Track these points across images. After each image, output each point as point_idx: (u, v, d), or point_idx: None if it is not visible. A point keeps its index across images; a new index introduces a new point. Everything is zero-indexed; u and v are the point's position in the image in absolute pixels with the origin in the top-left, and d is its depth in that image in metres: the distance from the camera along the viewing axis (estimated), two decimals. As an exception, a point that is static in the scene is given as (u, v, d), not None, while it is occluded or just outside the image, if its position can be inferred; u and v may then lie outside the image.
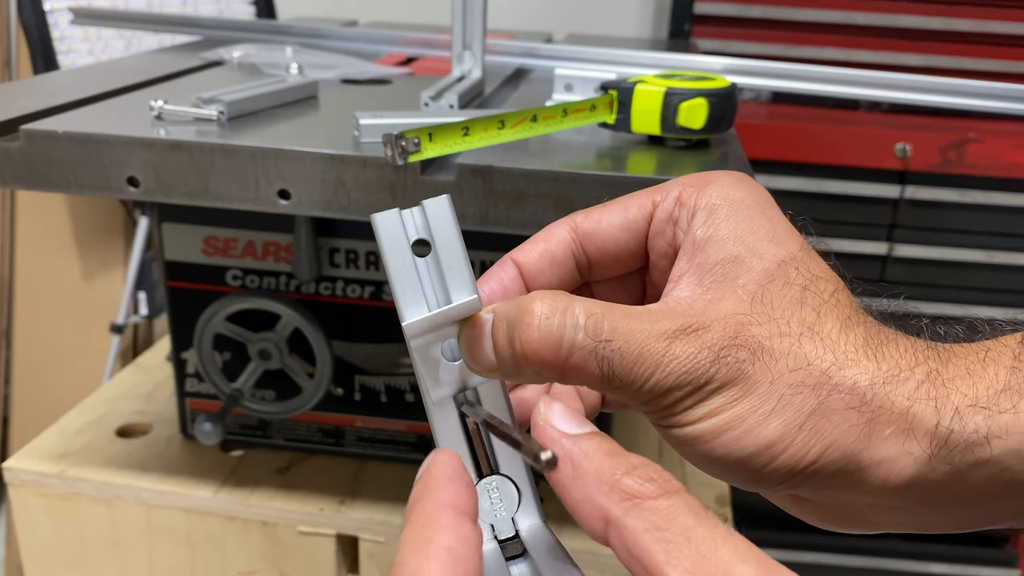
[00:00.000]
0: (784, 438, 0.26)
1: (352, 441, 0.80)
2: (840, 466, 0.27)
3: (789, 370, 0.27)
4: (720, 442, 0.27)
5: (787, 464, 0.27)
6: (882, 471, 0.27)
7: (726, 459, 0.27)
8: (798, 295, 0.27)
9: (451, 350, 0.30)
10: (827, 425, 0.26)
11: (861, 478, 0.27)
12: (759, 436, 0.26)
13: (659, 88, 0.54)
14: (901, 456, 0.27)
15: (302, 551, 0.74)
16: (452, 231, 0.30)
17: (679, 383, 0.26)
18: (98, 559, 0.78)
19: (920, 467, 0.27)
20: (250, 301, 0.73)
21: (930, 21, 1.37)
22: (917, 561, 1.49)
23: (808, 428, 0.26)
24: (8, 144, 0.52)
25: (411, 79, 0.78)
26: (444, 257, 0.30)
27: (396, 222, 0.29)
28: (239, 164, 0.51)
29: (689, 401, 0.27)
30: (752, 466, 0.27)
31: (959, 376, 0.27)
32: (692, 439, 0.27)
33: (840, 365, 0.27)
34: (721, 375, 0.26)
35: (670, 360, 0.26)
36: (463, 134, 0.50)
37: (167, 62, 0.80)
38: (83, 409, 0.87)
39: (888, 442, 0.27)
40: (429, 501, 0.24)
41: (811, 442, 0.26)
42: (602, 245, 0.32)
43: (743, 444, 0.26)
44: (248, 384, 0.76)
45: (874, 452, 0.27)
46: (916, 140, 1.27)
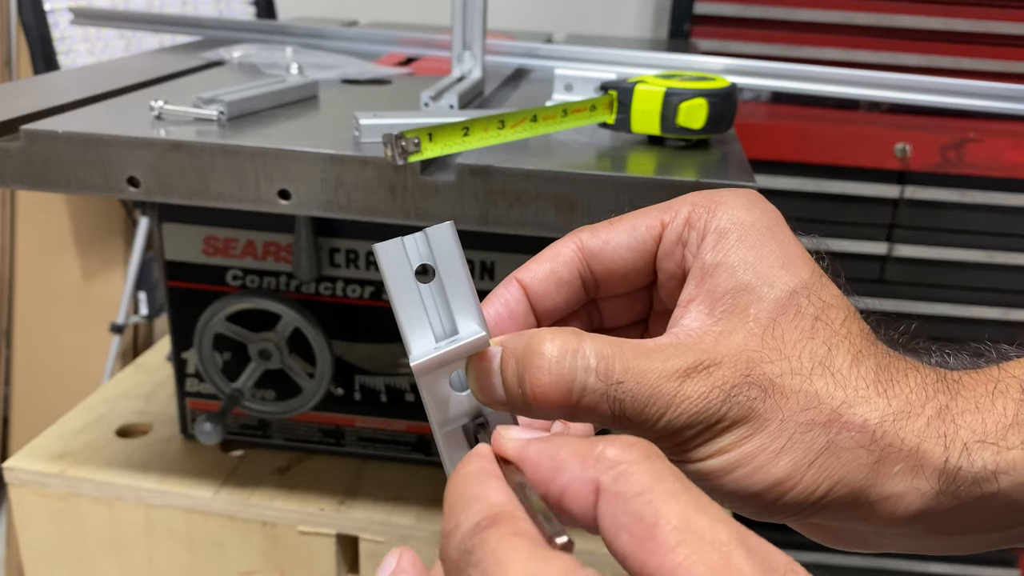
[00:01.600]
0: (794, 475, 0.27)
1: (352, 441, 0.80)
2: (849, 500, 0.27)
3: (800, 408, 0.27)
4: (731, 478, 0.27)
5: (796, 499, 0.27)
6: (889, 506, 0.27)
7: (737, 494, 0.27)
8: (809, 326, 0.27)
9: (460, 381, 0.30)
10: (836, 463, 0.27)
11: (869, 511, 0.28)
12: (769, 473, 0.27)
13: (659, 88, 0.54)
14: (909, 492, 0.27)
15: (302, 551, 0.74)
16: (456, 257, 0.30)
17: (691, 423, 0.26)
18: (98, 559, 0.78)
19: (927, 502, 0.27)
20: (250, 301, 0.73)
21: (930, 21, 1.37)
22: (917, 561, 1.49)
23: (818, 466, 0.27)
24: (8, 144, 0.52)
25: (411, 79, 0.78)
26: (449, 284, 0.30)
27: (399, 250, 0.29)
28: (239, 164, 0.51)
29: (701, 439, 0.27)
30: (762, 501, 0.27)
31: (968, 411, 0.27)
32: (703, 474, 0.27)
33: (851, 403, 0.27)
34: (732, 414, 0.27)
35: (682, 400, 0.26)
36: (463, 134, 0.50)
37: (167, 62, 0.80)
38: (83, 409, 0.87)
39: (896, 479, 0.27)
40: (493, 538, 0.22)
41: (820, 479, 0.27)
42: (610, 265, 0.31)
43: (753, 481, 0.27)
44: (248, 384, 0.76)
45: (882, 488, 0.27)
46: (916, 140, 1.27)
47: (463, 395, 0.29)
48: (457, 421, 0.29)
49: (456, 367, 0.29)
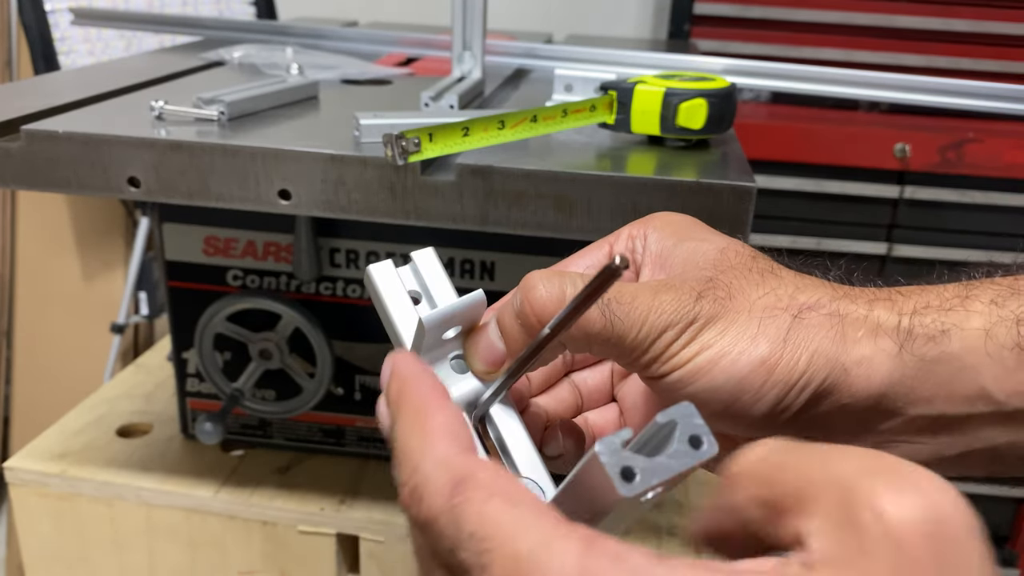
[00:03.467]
0: (773, 352, 0.30)
1: (352, 441, 0.80)
2: (827, 373, 0.30)
3: (760, 299, 0.31)
4: (720, 369, 0.30)
5: (782, 378, 0.30)
6: (863, 370, 0.30)
7: (726, 387, 0.30)
8: (749, 260, 0.33)
9: (460, 365, 0.32)
10: (807, 335, 0.30)
11: (849, 384, 0.30)
12: (752, 355, 0.30)
13: (659, 88, 0.54)
14: (876, 353, 0.30)
15: (302, 551, 0.75)
16: (443, 275, 0.33)
17: (671, 321, 0.30)
18: (98, 559, 0.78)
19: (893, 362, 0.30)
20: (250, 301, 0.73)
21: (930, 21, 1.37)
22: (917, 561, 1.49)
23: (792, 341, 0.30)
24: (8, 144, 0.52)
25: (411, 79, 0.78)
26: (440, 300, 0.32)
27: (392, 272, 0.32)
28: (239, 164, 0.51)
29: (683, 339, 0.30)
30: (751, 387, 0.30)
31: (914, 293, 0.31)
32: (693, 375, 0.30)
33: (802, 289, 0.31)
34: (705, 311, 0.30)
35: (659, 303, 0.30)
36: (463, 134, 0.50)
37: (167, 62, 0.80)
38: (83, 409, 0.87)
39: (862, 343, 0.30)
40: (412, 393, 0.26)
41: (798, 352, 0.30)
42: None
43: (739, 366, 0.30)
44: (248, 384, 0.76)
45: (852, 352, 0.30)
46: (916, 140, 1.27)
47: (463, 380, 0.31)
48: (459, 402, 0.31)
49: (454, 348, 0.32)
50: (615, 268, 0.23)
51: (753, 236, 0.51)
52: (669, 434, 0.22)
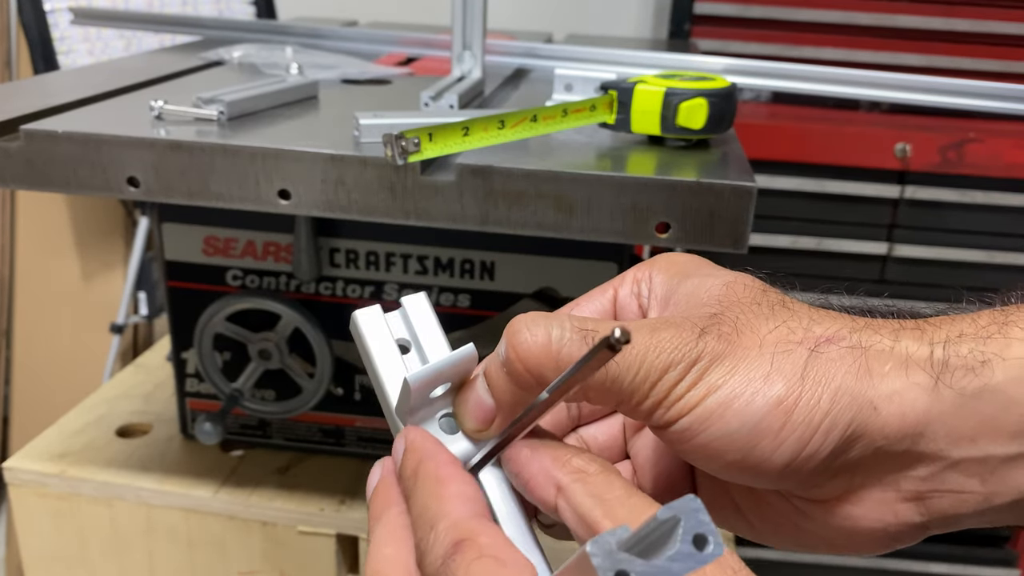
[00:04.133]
0: (791, 391, 0.27)
1: (352, 441, 0.80)
2: (854, 413, 0.27)
3: (771, 332, 0.28)
4: (733, 412, 0.27)
5: (802, 419, 0.26)
6: (896, 407, 0.27)
7: (741, 432, 0.27)
8: (758, 293, 0.30)
9: (450, 425, 0.30)
10: (827, 371, 0.27)
11: (881, 424, 0.27)
12: (767, 395, 0.26)
13: (659, 88, 0.54)
14: (908, 388, 0.27)
15: (302, 551, 0.74)
16: (432, 322, 0.31)
17: (672, 360, 0.27)
18: (98, 559, 0.78)
19: (929, 397, 0.27)
20: (250, 301, 0.73)
21: (930, 21, 1.37)
22: (917, 561, 1.49)
23: (811, 377, 0.27)
24: (8, 144, 0.52)
25: (411, 79, 0.78)
26: (429, 349, 0.31)
27: (379, 320, 0.31)
28: (239, 164, 0.51)
29: (688, 380, 0.27)
30: (769, 431, 0.26)
31: (943, 322, 0.28)
32: (703, 421, 0.27)
33: (817, 321, 0.28)
34: (710, 348, 0.27)
35: (657, 341, 0.27)
36: (463, 134, 0.50)
37: (167, 62, 0.80)
38: (83, 409, 0.87)
39: (890, 377, 0.27)
40: (430, 462, 0.27)
41: (818, 390, 0.27)
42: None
43: (754, 408, 0.26)
44: (248, 384, 0.76)
45: (880, 388, 0.27)
46: (916, 140, 1.27)
47: (454, 441, 0.30)
48: None
49: (443, 406, 0.30)
50: (613, 343, 0.22)
51: (753, 236, 0.51)
52: (671, 531, 0.21)
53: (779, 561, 1.50)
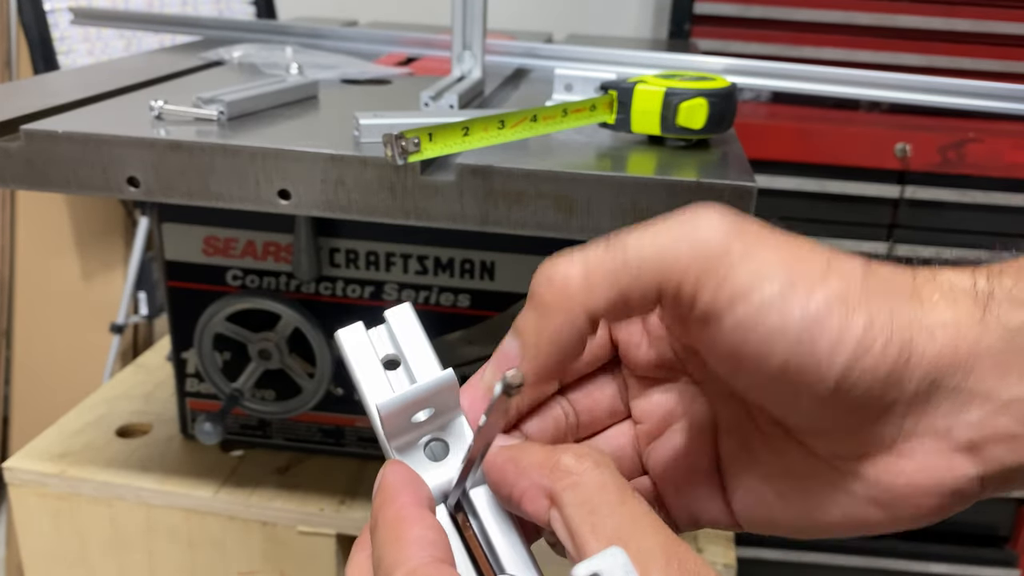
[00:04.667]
0: (852, 290, 0.25)
1: (352, 441, 0.80)
2: (911, 333, 0.25)
3: (808, 250, 0.26)
4: (795, 299, 0.24)
5: (863, 323, 0.24)
6: (949, 337, 0.25)
7: (801, 322, 0.24)
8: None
9: (432, 451, 0.29)
10: (885, 284, 0.25)
11: (936, 352, 0.25)
12: (829, 288, 0.25)
13: (659, 88, 0.54)
14: (958, 319, 0.25)
15: (302, 551, 0.74)
16: (418, 335, 0.30)
17: (719, 243, 0.25)
18: (98, 559, 0.78)
19: (978, 329, 0.25)
20: (250, 301, 0.73)
21: (930, 21, 1.37)
22: (917, 561, 1.49)
23: (870, 286, 0.25)
24: (8, 144, 0.52)
25: (411, 79, 0.78)
26: (415, 365, 0.30)
27: (362, 337, 0.30)
28: (239, 164, 0.51)
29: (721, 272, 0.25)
30: (829, 327, 0.24)
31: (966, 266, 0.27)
32: (763, 308, 0.24)
33: (851, 257, 0.26)
34: (755, 235, 0.25)
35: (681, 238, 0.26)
36: (463, 134, 0.50)
37: (167, 62, 0.80)
38: (83, 409, 0.87)
39: (940, 307, 0.25)
40: (392, 505, 0.26)
41: (879, 300, 0.25)
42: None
43: (816, 298, 0.24)
44: (248, 384, 0.76)
45: (933, 316, 0.25)
46: (916, 140, 1.27)
47: (439, 467, 0.29)
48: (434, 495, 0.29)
49: (428, 430, 0.29)
50: (506, 386, 0.22)
51: (753, 236, 0.50)
52: None
53: (779, 561, 1.50)
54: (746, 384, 0.27)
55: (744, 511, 0.30)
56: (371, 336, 0.30)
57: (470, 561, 0.28)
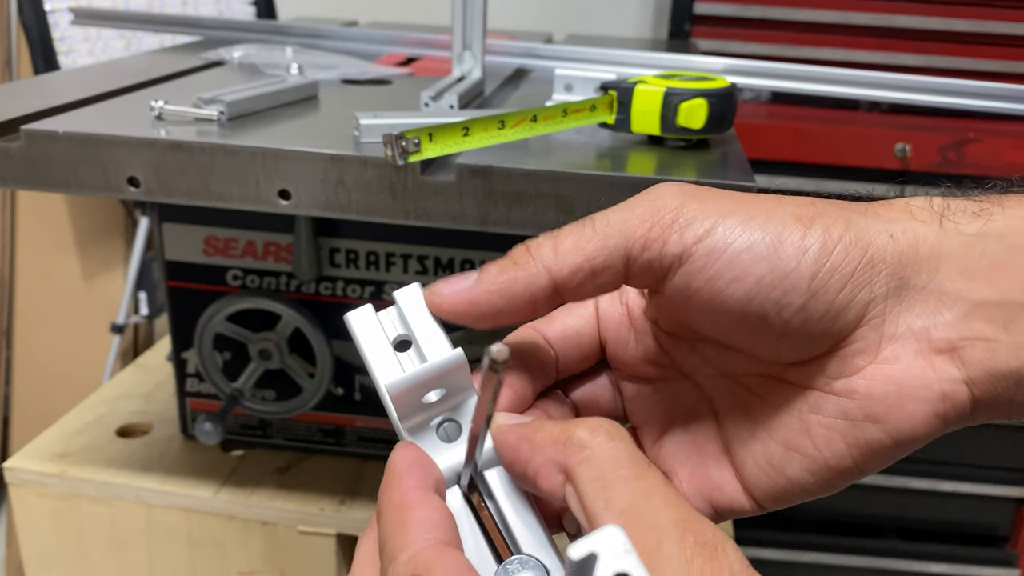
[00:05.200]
0: (804, 212, 0.27)
1: (352, 441, 0.80)
2: (870, 238, 0.27)
3: (760, 197, 0.28)
4: (755, 225, 0.27)
5: (820, 232, 0.26)
6: (910, 239, 0.27)
7: (764, 242, 0.26)
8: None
9: (446, 432, 0.29)
10: (835, 207, 0.28)
11: (898, 253, 0.27)
12: (784, 212, 0.27)
13: (659, 88, 0.54)
14: (916, 226, 0.27)
15: (302, 551, 0.74)
16: (427, 315, 0.30)
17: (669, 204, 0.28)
18: (98, 559, 0.78)
19: (937, 234, 0.27)
20: (250, 301, 0.73)
21: (929, 21, 1.37)
22: (917, 561, 1.49)
23: (820, 207, 0.27)
24: (8, 144, 0.52)
25: (411, 79, 0.78)
26: (426, 346, 0.29)
27: (371, 320, 0.30)
28: (239, 164, 0.51)
29: (694, 212, 0.27)
30: (791, 241, 0.26)
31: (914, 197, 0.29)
32: (725, 237, 0.27)
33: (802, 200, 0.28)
34: (704, 193, 0.28)
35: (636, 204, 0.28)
36: (463, 134, 0.50)
37: (167, 62, 0.80)
38: (83, 409, 0.87)
39: (896, 219, 0.27)
40: (396, 489, 0.26)
41: (831, 216, 0.27)
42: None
43: (773, 220, 0.27)
44: (248, 384, 0.76)
45: (890, 225, 0.27)
46: (916, 140, 1.27)
47: (452, 448, 0.28)
48: (447, 474, 0.28)
49: (440, 411, 0.29)
50: (492, 362, 0.22)
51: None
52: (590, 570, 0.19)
53: (779, 561, 1.50)
54: (728, 324, 0.28)
55: (760, 483, 0.30)
56: (381, 318, 0.30)
57: (486, 542, 0.27)
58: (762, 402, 0.30)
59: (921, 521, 1.52)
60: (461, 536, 0.27)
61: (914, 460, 1.46)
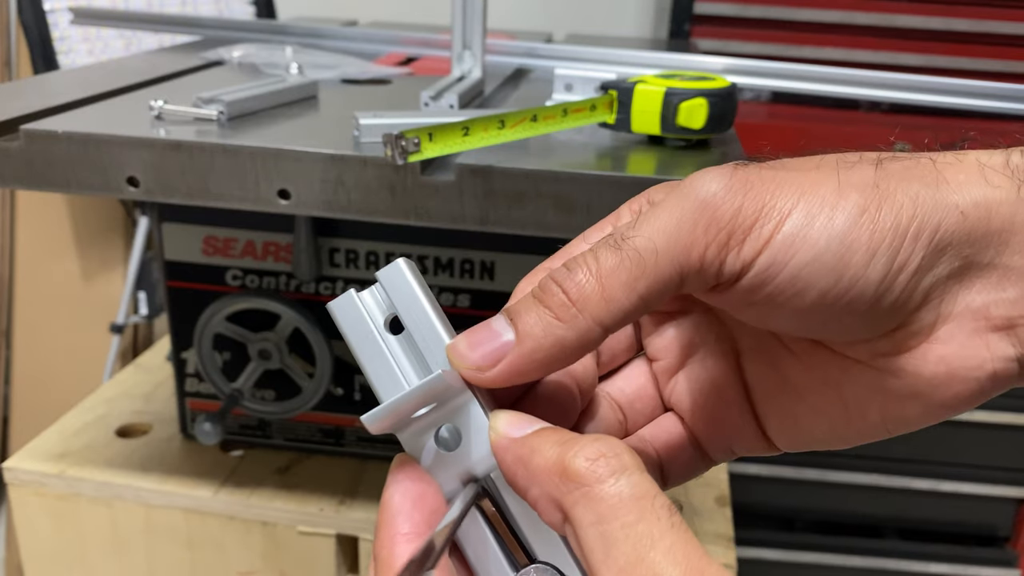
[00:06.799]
0: (870, 200, 0.24)
1: (352, 441, 0.80)
2: (940, 218, 0.24)
3: (819, 159, 0.26)
4: (816, 231, 0.24)
5: (889, 225, 0.24)
6: (981, 211, 0.24)
7: (829, 251, 0.24)
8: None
9: (445, 441, 0.27)
10: (901, 179, 0.25)
11: (968, 232, 0.24)
12: (848, 207, 0.24)
13: (659, 88, 0.54)
14: (990, 193, 0.24)
15: (302, 551, 0.74)
16: (415, 296, 0.27)
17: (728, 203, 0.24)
18: (98, 559, 0.78)
19: (1013, 202, 0.24)
20: (250, 301, 0.73)
21: (930, 21, 1.37)
22: (917, 561, 1.49)
23: (884, 186, 0.24)
24: (8, 144, 0.52)
25: (411, 79, 0.78)
26: (415, 330, 0.27)
27: (354, 306, 0.27)
28: (239, 164, 0.51)
29: (749, 216, 0.24)
30: (858, 243, 0.24)
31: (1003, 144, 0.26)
32: (786, 250, 0.24)
33: (861, 153, 0.26)
34: (757, 179, 0.25)
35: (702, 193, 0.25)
36: (463, 134, 0.50)
37: (167, 62, 0.80)
38: (83, 409, 0.87)
39: (968, 185, 0.25)
40: (387, 532, 0.25)
41: (898, 196, 0.24)
42: None
43: (838, 223, 0.24)
44: (248, 384, 0.76)
45: (962, 195, 0.24)
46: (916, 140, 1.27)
47: (453, 457, 0.27)
48: (450, 484, 0.27)
49: (440, 420, 0.27)
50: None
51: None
52: None
53: (779, 561, 1.50)
54: (781, 325, 0.26)
55: (781, 433, 0.29)
56: (366, 301, 0.28)
57: (500, 549, 0.26)
58: (794, 359, 0.29)
59: (921, 521, 1.51)
60: (473, 545, 0.26)
61: (914, 460, 1.46)
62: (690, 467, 0.31)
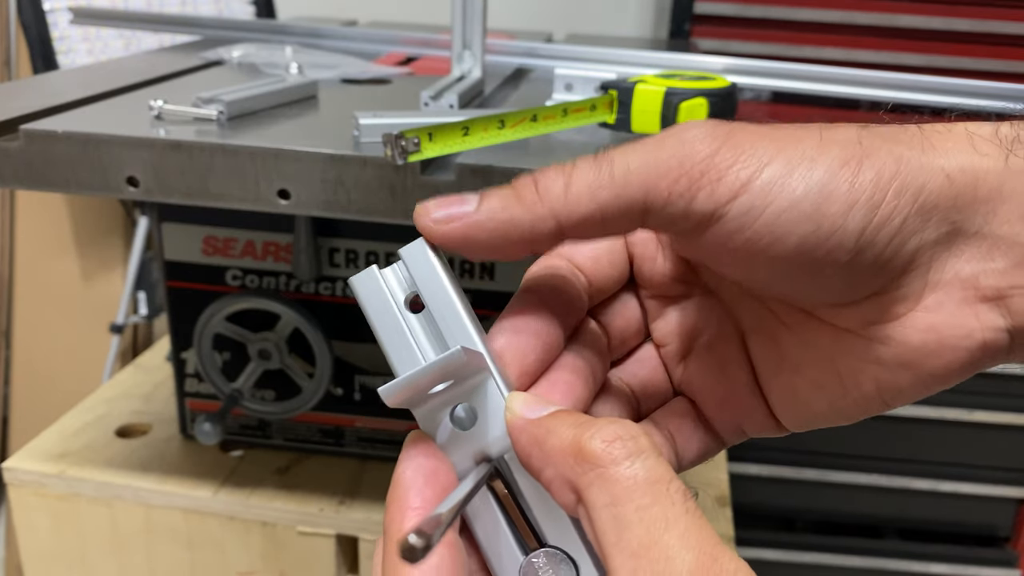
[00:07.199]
0: (852, 153, 0.24)
1: (352, 441, 0.80)
2: (924, 179, 0.24)
3: (803, 124, 0.25)
4: (795, 178, 0.24)
5: (871, 178, 0.24)
6: (968, 176, 0.24)
7: (807, 198, 0.24)
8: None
9: (460, 419, 0.27)
10: (885, 139, 0.25)
11: (954, 197, 0.24)
12: (829, 157, 0.24)
13: (659, 88, 0.54)
14: (978, 160, 0.24)
15: (302, 551, 0.74)
16: (436, 275, 0.27)
17: (702, 145, 0.25)
18: (98, 559, 0.78)
19: (1001, 170, 0.24)
20: (250, 301, 0.73)
21: (930, 21, 1.37)
22: (917, 561, 1.49)
23: (868, 143, 0.24)
24: (8, 144, 0.52)
25: (411, 79, 0.78)
26: (436, 309, 0.27)
27: (375, 282, 0.27)
28: (239, 164, 0.51)
29: (726, 159, 0.24)
30: (838, 192, 0.24)
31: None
32: (764, 195, 0.24)
33: (844, 124, 0.26)
34: (739, 132, 0.25)
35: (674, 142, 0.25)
36: (463, 134, 0.50)
37: (167, 62, 0.80)
38: (83, 409, 0.87)
39: (955, 152, 0.24)
40: (399, 508, 0.25)
41: (881, 154, 0.24)
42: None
43: (817, 171, 0.24)
44: (248, 384, 0.76)
45: (948, 160, 0.24)
46: (916, 140, 1.27)
47: (467, 435, 0.27)
48: (464, 463, 0.27)
49: (457, 397, 0.27)
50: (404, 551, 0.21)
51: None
52: None
53: (779, 561, 1.50)
54: (764, 279, 0.26)
55: (785, 411, 0.30)
56: (387, 278, 0.28)
57: (511, 532, 0.26)
58: (790, 334, 0.29)
59: (921, 521, 1.52)
60: (483, 525, 0.27)
61: (914, 460, 1.46)
62: (702, 449, 0.32)
